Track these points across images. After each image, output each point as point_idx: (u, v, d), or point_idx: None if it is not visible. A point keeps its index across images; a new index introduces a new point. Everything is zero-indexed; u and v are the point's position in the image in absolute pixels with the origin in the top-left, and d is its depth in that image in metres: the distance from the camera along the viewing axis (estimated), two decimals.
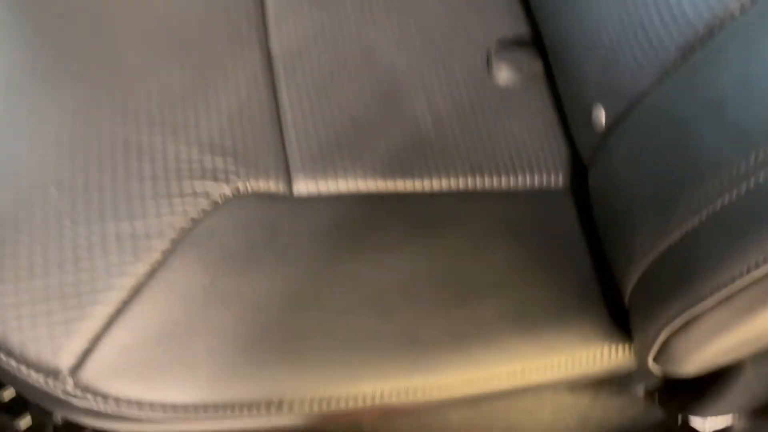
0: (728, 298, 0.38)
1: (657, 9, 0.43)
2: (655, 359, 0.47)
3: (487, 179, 0.56)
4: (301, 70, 0.56)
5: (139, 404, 0.40)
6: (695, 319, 0.41)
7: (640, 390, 0.63)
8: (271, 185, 0.50)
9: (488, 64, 0.61)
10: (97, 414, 0.41)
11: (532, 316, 0.49)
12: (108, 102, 0.49)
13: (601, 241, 0.53)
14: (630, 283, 0.47)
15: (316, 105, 0.55)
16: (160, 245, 0.44)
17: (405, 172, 0.54)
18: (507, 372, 0.48)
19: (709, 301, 0.39)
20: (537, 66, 0.62)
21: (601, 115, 0.51)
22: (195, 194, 0.47)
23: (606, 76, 0.49)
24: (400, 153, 0.55)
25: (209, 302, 0.43)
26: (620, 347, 0.51)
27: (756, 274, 0.36)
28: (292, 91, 0.55)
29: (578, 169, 0.58)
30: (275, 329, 0.44)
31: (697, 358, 0.44)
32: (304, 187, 0.51)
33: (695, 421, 0.58)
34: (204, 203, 0.47)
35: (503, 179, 0.56)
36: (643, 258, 0.44)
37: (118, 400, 0.40)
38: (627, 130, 0.48)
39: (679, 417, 0.59)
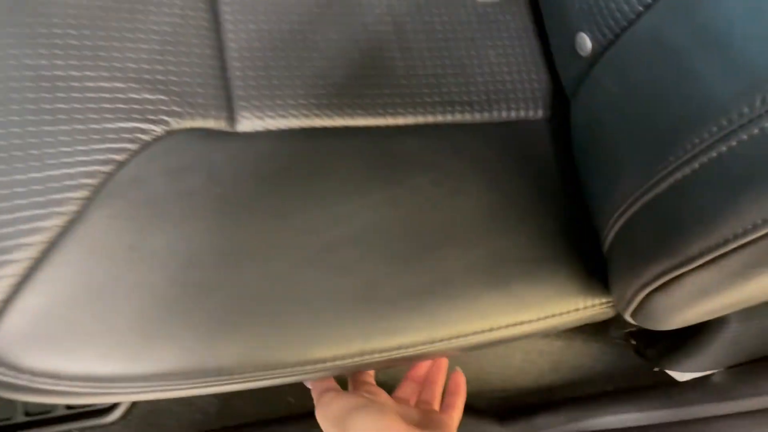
0: (718, 259, 0.34)
1: None
2: (632, 315, 0.43)
3: (458, 112, 0.50)
4: None
5: (57, 377, 0.36)
6: (679, 277, 0.36)
7: (616, 336, 0.60)
8: (210, 121, 0.44)
9: None
10: (11, 387, 0.36)
11: (503, 270, 0.45)
12: (13, 27, 0.42)
13: (581, 183, 0.48)
14: (611, 233, 0.43)
15: (264, 27, 0.48)
16: (76, 195, 0.38)
17: (365, 104, 0.48)
18: (474, 330, 0.44)
19: (698, 262, 0.34)
20: None
21: (585, 42, 0.45)
22: (119, 136, 0.41)
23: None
24: (360, 82, 0.49)
25: (135, 260, 0.38)
26: (597, 300, 0.47)
27: (753, 235, 0.31)
28: (236, 8, 0.48)
29: (560, 101, 0.52)
30: (212, 289, 0.39)
31: (678, 317, 0.41)
32: (248, 122, 0.45)
33: (673, 372, 0.55)
34: (129, 146, 0.41)
35: (476, 112, 0.51)
36: (626, 206, 0.40)
37: (32, 373, 0.36)
38: (614, 59, 0.42)
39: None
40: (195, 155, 0.42)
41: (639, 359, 0.61)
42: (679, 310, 0.39)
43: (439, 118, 0.49)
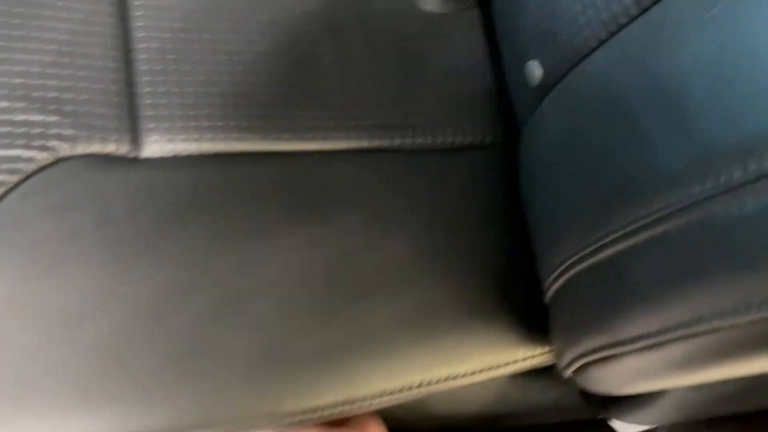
0: (658, 346, 0.30)
1: None
2: (573, 375, 0.40)
3: (398, 137, 0.45)
4: None
5: None
6: (618, 356, 0.33)
7: (562, 375, 0.57)
8: (110, 145, 0.39)
9: None
10: None
11: (435, 320, 0.41)
12: None
13: (526, 222, 0.44)
14: (551, 288, 0.39)
15: (181, 35, 0.43)
16: None
17: (293, 126, 0.43)
18: (401, 387, 0.40)
19: (636, 345, 0.31)
20: None
21: (535, 71, 0.40)
22: None
23: (543, 24, 0.38)
24: (288, 101, 0.43)
25: (9, 314, 0.34)
26: (539, 349, 0.44)
27: (696, 329, 0.27)
28: (149, 13, 0.42)
29: (515, 127, 0.48)
30: (101, 349, 0.34)
31: (619, 389, 0.37)
32: (156, 146, 0.40)
33: (616, 423, 0.52)
34: (8, 177, 0.36)
35: (419, 137, 0.46)
36: (565, 267, 0.35)
37: None
38: (562, 96, 0.38)
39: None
40: (87, 188, 0.37)
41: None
42: (619, 385, 0.36)
43: (376, 143, 0.45)
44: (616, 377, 0.34)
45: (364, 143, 0.44)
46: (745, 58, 0.24)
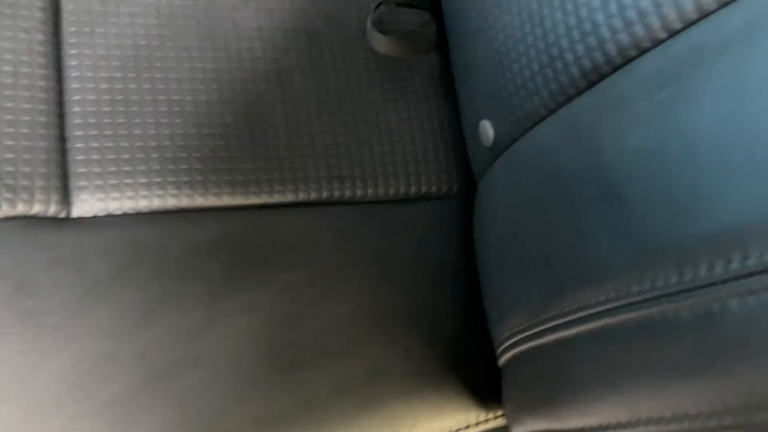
0: None
1: (565, 19, 0.30)
2: None
3: (349, 188, 0.43)
4: (101, 41, 0.41)
5: None
6: None
7: None
8: (36, 206, 0.37)
9: (367, 26, 0.46)
10: None
11: (380, 388, 0.39)
12: None
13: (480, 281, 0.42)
14: (502, 356, 0.37)
15: (118, 85, 0.41)
16: None
17: (236, 181, 0.41)
18: None
19: None
20: (430, 31, 0.48)
21: (488, 131, 0.39)
22: None
23: (496, 85, 0.36)
24: (232, 153, 0.41)
25: None
26: (492, 413, 0.42)
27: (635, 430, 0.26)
28: (84, 62, 0.40)
29: (470, 176, 0.46)
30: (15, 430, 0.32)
31: None
32: (87, 205, 0.38)
33: None
34: None
35: (370, 188, 0.44)
36: (513, 341, 0.34)
37: None
38: (512, 163, 0.36)
39: None
40: (6, 254, 0.35)
41: None
42: None
43: (325, 195, 0.43)
44: None
45: (312, 196, 0.42)
46: (687, 157, 0.22)
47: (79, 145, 0.39)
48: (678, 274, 0.22)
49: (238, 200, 0.41)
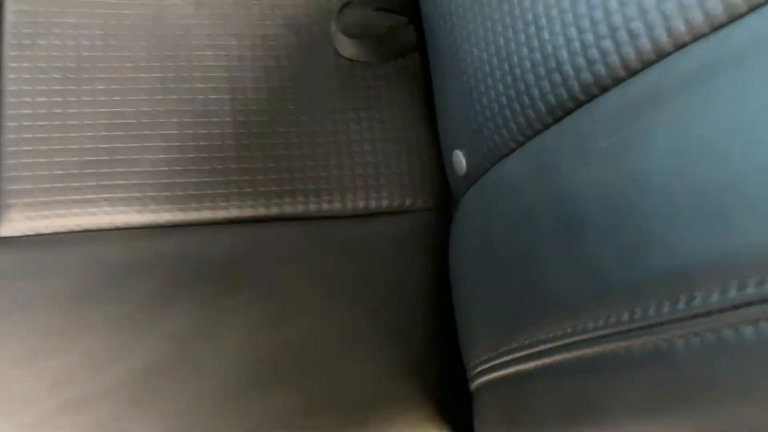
0: None
1: (531, 55, 0.30)
2: None
3: (313, 203, 0.42)
4: (42, 53, 0.39)
5: None
6: None
7: None
8: None
9: (332, 29, 0.45)
10: None
11: (338, 416, 0.38)
12: None
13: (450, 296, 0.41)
14: (472, 382, 0.37)
15: (57, 98, 0.39)
16: None
17: (176, 196, 0.39)
18: None
19: None
20: (406, 34, 0.46)
21: (461, 161, 0.38)
22: None
23: (466, 116, 0.36)
24: (174, 168, 0.40)
25: None
26: None
27: None
28: (23, 75, 0.39)
29: (440, 188, 0.45)
30: None
31: None
32: (16, 224, 0.36)
33: None
34: None
35: (337, 201, 0.43)
36: (480, 370, 0.34)
37: None
38: (482, 194, 0.36)
39: None
40: None
41: None
42: None
43: (275, 211, 0.41)
44: None
45: (261, 211, 0.41)
46: (639, 197, 0.22)
47: (11, 161, 0.37)
48: (629, 311, 0.22)
49: (178, 217, 0.39)
